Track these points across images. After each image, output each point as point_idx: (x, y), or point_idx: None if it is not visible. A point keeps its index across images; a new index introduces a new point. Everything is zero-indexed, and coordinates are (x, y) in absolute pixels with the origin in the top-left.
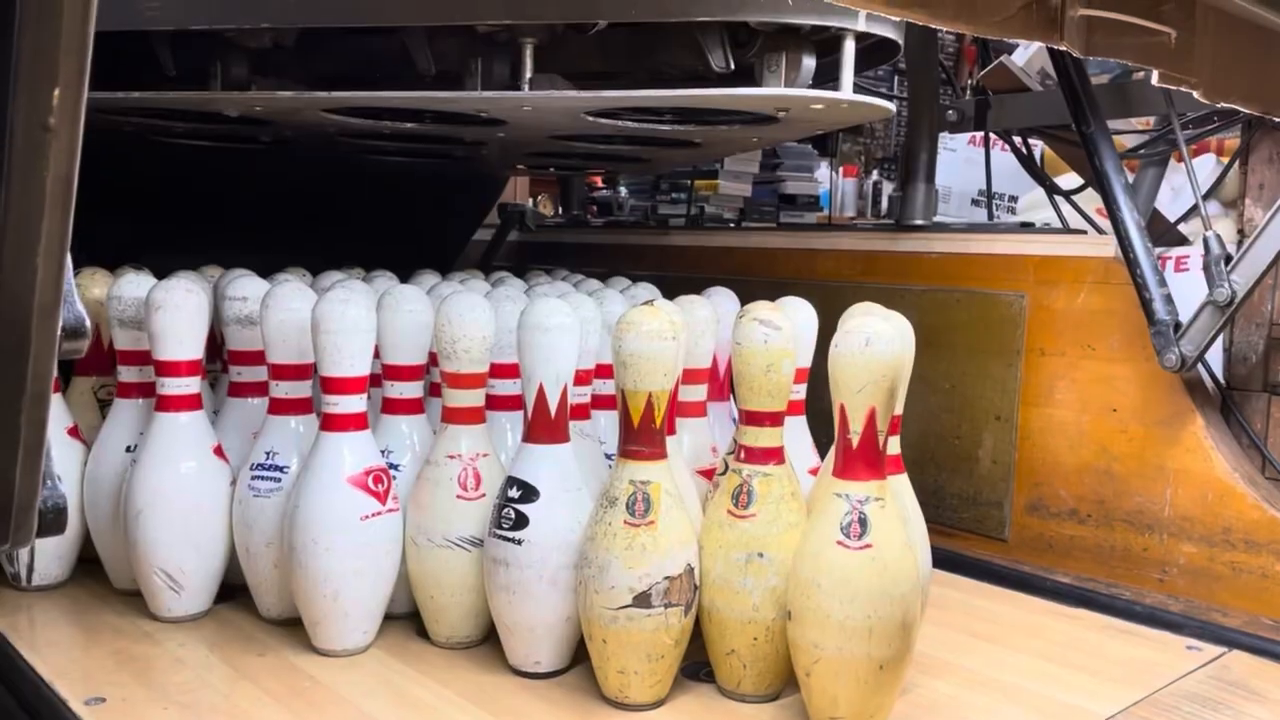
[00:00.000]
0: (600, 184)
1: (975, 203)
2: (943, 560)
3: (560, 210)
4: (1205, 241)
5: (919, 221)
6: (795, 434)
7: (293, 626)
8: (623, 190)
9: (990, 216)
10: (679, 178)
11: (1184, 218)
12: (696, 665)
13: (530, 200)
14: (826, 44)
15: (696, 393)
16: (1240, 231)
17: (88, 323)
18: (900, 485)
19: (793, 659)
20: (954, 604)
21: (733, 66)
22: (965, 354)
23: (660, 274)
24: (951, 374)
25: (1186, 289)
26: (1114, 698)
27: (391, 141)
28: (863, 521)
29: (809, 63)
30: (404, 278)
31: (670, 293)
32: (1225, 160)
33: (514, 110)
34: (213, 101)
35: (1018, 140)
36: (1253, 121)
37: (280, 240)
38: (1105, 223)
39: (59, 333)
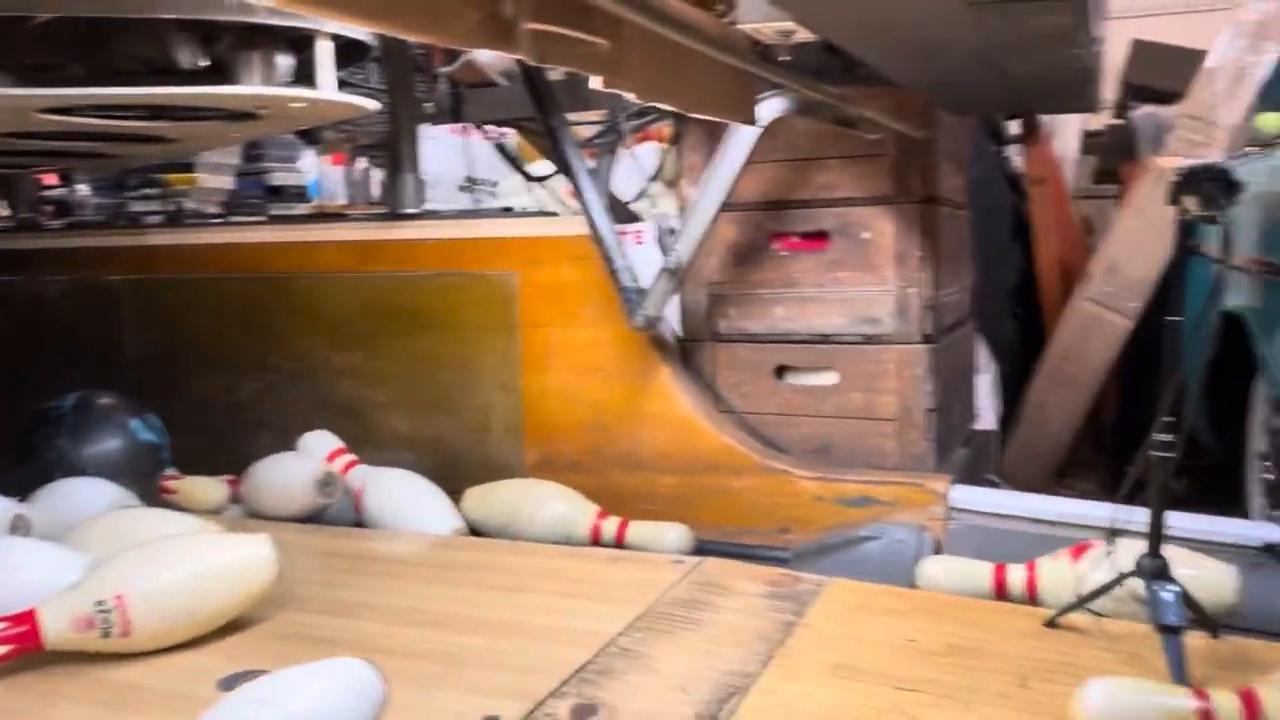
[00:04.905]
0: (55, 181)
1: (462, 189)
2: None
3: (13, 212)
4: (655, 218)
5: (411, 210)
6: None
7: None
8: (83, 187)
9: (476, 202)
10: (151, 172)
11: (637, 197)
12: None
13: None
14: (302, 41)
15: None
16: (681, 208)
17: None
18: None
19: None
20: (482, 564)
21: (204, 62)
22: (470, 332)
23: (140, 277)
24: (461, 352)
25: (645, 259)
26: (620, 617)
27: None
28: None
29: (285, 61)
30: None
31: (152, 298)
32: (664, 147)
33: None
34: None
35: (492, 130)
36: (680, 114)
37: None
38: (575, 204)
39: None
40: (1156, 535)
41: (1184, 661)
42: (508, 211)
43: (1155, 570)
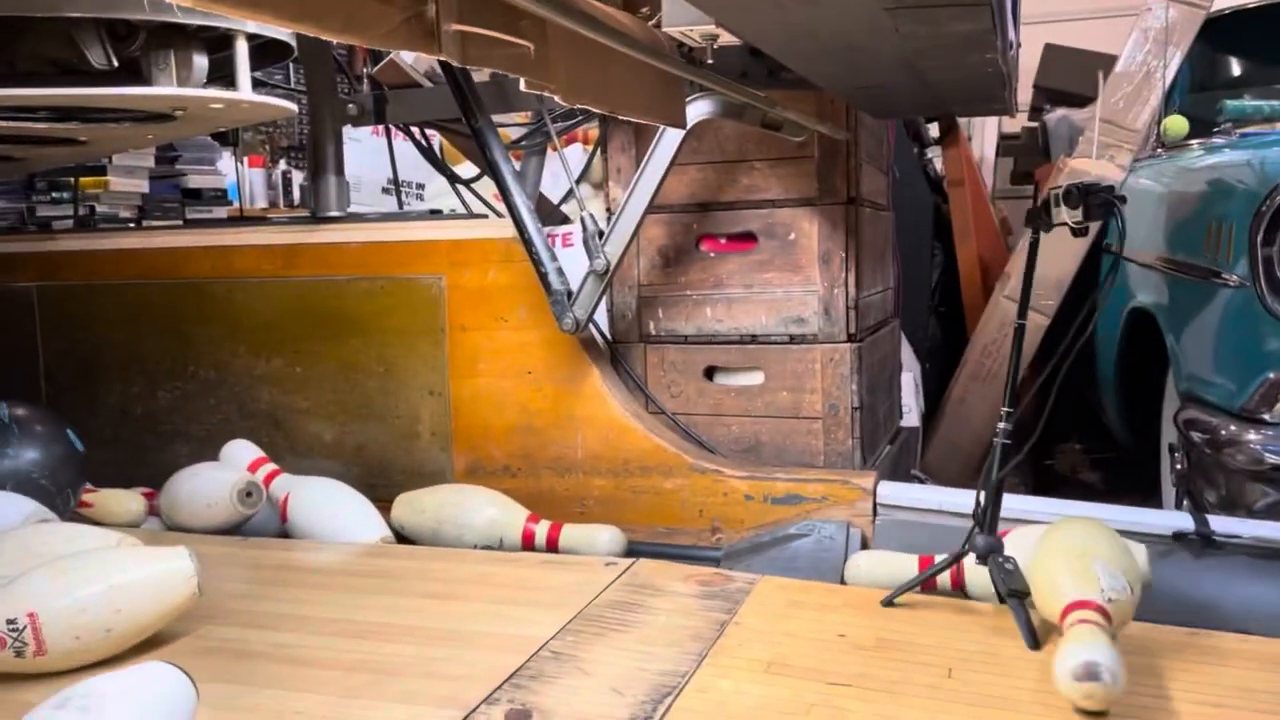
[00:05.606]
0: None
1: (386, 191)
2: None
3: None
4: (582, 220)
5: (335, 213)
6: None
7: None
8: None
9: (400, 205)
10: (59, 175)
11: (564, 199)
12: None
13: None
14: (219, 41)
15: None
16: (608, 210)
17: None
18: None
19: None
20: (411, 572)
21: (116, 63)
22: (395, 337)
23: (48, 283)
24: (384, 357)
25: (573, 261)
26: (553, 621)
27: None
28: None
29: (201, 61)
30: None
31: (65, 305)
32: (590, 148)
33: None
34: None
35: (416, 132)
36: (606, 116)
37: None
38: (503, 207)
39: None
40: (993, 516)
41: (1031, 623)
42: (435, 214)
43: (989, 546)
